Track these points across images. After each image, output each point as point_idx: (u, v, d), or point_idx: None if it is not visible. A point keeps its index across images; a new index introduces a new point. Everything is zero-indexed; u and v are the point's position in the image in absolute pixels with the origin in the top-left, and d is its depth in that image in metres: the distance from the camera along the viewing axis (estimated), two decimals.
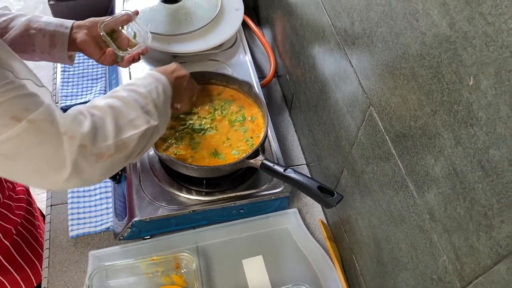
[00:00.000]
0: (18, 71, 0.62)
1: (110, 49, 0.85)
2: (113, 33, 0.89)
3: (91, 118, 0.62)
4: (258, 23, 1.36)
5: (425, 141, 0.53)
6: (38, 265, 1.01)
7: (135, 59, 0.89)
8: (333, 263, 0.89)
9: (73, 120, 0.59)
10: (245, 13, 1.17)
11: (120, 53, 0.87)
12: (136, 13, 0.91)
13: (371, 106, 0.66)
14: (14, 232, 0.93)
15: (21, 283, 0.98)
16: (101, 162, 0.62)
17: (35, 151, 0.56)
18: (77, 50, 0.88)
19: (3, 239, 0.91)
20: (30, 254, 0.98)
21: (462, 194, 0.48)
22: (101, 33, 0.85)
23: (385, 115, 0.62)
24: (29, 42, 0.84)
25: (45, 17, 0.87)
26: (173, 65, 0.83)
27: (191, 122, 0.90)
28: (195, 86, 0.88)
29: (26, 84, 0.59)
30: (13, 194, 0.97)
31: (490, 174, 0.43)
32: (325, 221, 0.97)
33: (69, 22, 0.86)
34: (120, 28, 0.90)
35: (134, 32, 0.92)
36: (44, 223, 0.95)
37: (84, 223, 0.92)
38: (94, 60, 1.19)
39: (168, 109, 0.75)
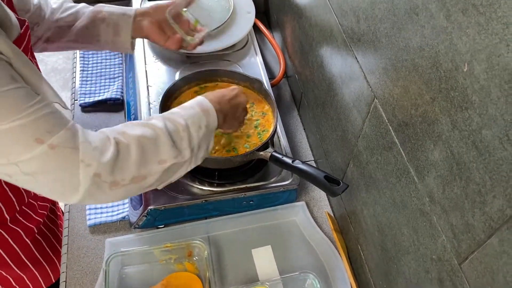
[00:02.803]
0: (46, 94, 0.65)
1: (179, 36, 0.89)
2: (175, 18, 0.91)
3: (115, 147, 0.62)
4: (269, 27, 1.40)
5: (425, 127, 0.57)
6: (57, 263, 1.04)
7: (198, 43, 0.94)
8: (339, 253, 0.92)
9: (95, 148, 0.60)
10: (256, 17, 1.22)
11: (188, 39, 0.90)
12: None
13: (375, 99, 0.70)
14: (36, 231, 0.96)
15: (40, 279, 1.02)
16: (115, 189, 0.63)
17: (52, 175, 0.58)
18: (142, 37, 0.92)
19: (25, 237, 0.93)
20: (50, 252, 1.01)
21: (459, 175, 0.51)
22: (170, 21, 0.88)
23: (388, 106, 0.66)
24: (94, 32, 0.89)
25: (107, 6, 0.91)
26: (235, 90, 0.82)
27: None
28: (246, 111, 0.86)
29: (52, 105, 0.60)
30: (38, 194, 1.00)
31: (483, 153, 0.47)
32: (332, 214, 1.01)
33: (131, 10, 0.89)
34: (181, 11, 0.93)
35: (195, 18, 0.94)
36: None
37: (101, 213, 0.96)
38: (111, 61, 1.26)
39: (210, 142, 0.75)
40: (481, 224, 0.49)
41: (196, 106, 0.73)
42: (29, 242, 0.95)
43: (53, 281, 1.04)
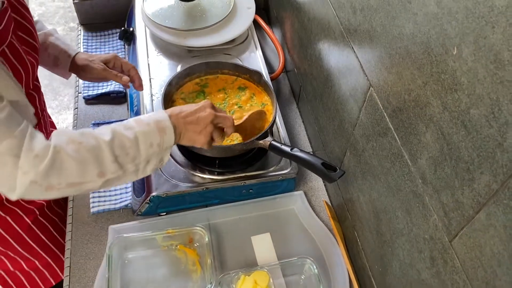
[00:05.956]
0: (5, 92, 0.68)
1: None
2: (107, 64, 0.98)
3: (52, 155, 0.64)
4: (269, 23, 1.43)
5: (418, 111, 0.60)
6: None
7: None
8: (336, 240, 0.94)
9: (35, 156, 0.63)
10: (256, 13, 1.25)
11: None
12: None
13: (371, 87, 0.73)
14: (38, 213, 0.98)
15: (55, 267, 1.03)
16: (50, 191, 0.66)
17: None
18: (76, 73, 0.99)
19: (25, 218, 0.96)
20: (61, 240, 1.03)
21: (449, 154, 0.54)
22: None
23: (383, 93, 0.69)
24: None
25: (54, 36, 0.96)
26: (198, 105, 0.78)
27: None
28: (223, 126, 0.80)
29: (5, 109, 0.64)
30: None
31: (471, 132, 0.49)
32: (329, 203, 1.03)
33: (74, 51, 0.96)
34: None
35: None
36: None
37: (105, 201, 0.98)
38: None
39: (163, 157, 0.75)
40: (470, 200, 0.51)
41: (153, 123, 0.73)
42: (30, 222, 0.96)
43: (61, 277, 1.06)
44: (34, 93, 0.85)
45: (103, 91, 1.18)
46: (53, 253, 1.03)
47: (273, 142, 0.87)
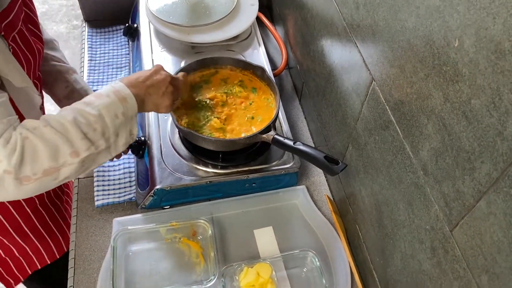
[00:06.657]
0: (15, 79, 0.70)
1: None
2: None
3: (22, 142, 0.64)
4: (272, 20, 1.44)
5: (419, 103, 0.61)
6: (61, 239, 1.08)
7: None
8: (338, 234, 0.95)
9: (4, 146, 0.63)
10: (259, 11, 1.26)
11: None
12: None
13: (373, 81, 0.74)
14: (38, 202, 1.00)
15: (43, 252, 1.05)
16: (27, 184, 0.65)
17: None
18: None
19: (26, 207, 0.98)
20: (53, 227, 1.05)
21: (450, 145, 0.55)
22: None
23: (385, 87, 0.70)
24: (52, 79, 1.00)
25: (79, 75, 1.06)
26: (151, 69, 0.81)
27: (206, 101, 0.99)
28: (178, 88, 0.85)
29: (2, 98, 0.66)
30: None
31: (472, 122, 0.50)
32: (331, 198, 1.04)
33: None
34: None
35: None
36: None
37: (109, 194, 0.99)
38: (118, 51, 1.30)
39: (132, 129, 0.75)
40: (471, 189, 0.52)
41: (112, 94, 0.73)
42: (30, 212, 0.99)
43: (57, 256, 1.08)
44: (37, 82, 0.87)
45: None
46: (44, 239, 1.06)
47: (276, 136, 0.88)
